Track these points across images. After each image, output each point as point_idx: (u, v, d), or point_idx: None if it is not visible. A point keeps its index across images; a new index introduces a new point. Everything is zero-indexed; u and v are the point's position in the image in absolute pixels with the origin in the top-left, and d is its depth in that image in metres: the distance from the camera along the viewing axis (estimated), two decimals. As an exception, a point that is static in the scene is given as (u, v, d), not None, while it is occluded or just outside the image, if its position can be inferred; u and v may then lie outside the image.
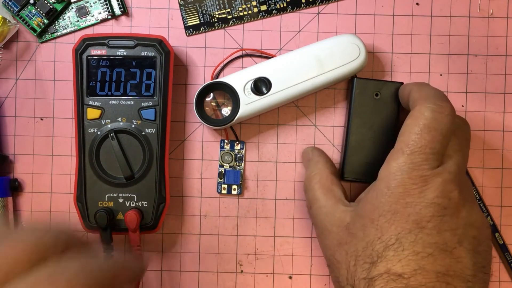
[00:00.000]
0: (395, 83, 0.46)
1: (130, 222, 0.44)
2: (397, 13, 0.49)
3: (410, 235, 0.37)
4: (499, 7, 0.49)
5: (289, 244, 0.49)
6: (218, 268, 0.49)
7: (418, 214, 0.37)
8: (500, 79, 0.49)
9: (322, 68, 0.45)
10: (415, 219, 0.37)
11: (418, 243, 0.37)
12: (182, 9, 0.48)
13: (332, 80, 0.46)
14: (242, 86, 0.46)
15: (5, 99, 0.48)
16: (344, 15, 0.48)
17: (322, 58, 0.45)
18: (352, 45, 0.46)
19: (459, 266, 0.37)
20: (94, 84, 0.45)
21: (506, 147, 0.49)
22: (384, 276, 0.37)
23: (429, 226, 0.37)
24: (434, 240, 0.37)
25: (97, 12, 0.48)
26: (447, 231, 0.38)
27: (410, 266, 0.37)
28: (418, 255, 0.37)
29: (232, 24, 0.48)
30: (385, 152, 0.43)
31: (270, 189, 0.48)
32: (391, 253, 0.37)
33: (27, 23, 0.47)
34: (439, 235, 0.37)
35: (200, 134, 0.48)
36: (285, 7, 0.48)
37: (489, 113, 0.48)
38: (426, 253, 0.37)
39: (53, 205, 0.48)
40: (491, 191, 0.48)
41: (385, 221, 0.38)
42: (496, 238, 0.48)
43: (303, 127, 0.49)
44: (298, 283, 0.49)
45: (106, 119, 0.45)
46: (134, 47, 0.45)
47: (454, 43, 0.49)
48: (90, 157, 0.45)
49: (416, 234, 0.37)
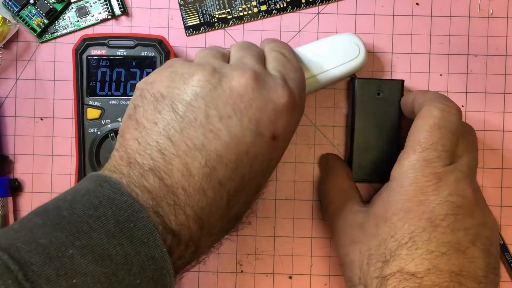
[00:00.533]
0: (396, 80, 0.46)
1: (130, 222, 0.44)
2: (397, 13, 0.49)
3: (424, 234, 0.37)
4: (499, 7, 0.49)
5: (289, 244, 0.49)
6: (218, 268, 0.49)
7: (432, 212, 0.37)
8: (500, 79, 0.49)
9: (322, 67, 0.45)
10: (429, 217, 0.37)
11: (432, 242, 0.37)
12: (182, 9, 0.48)
13: (332, 79, 0.45)
14: None
15: (5, 99, 0.48)
16: (344, 15, 0.48)
17: (322, 57, 0.45)
18: (352, 44, 0.46)
19: (472, 266, 0.37)
20: (94, 84, 0.45)
21: (506, 147, 0.49)
22: (397, 275, 0.37)
23: (443, 224, 0.37)
24: (448, 239, 0.37)
25: (97, 12, 0.48)
26: (460, 230, 0.37)
27: (423, 265, 0.37)
28: (432, 254, 0.37)
29: (232, 24, 0.48)
30: (392, 150, 0.43)
31: (270, 189, 0.48)
32: (404, 251, 0.37)
33: (27, 23, 0.47)
34: (452, 234, 0.37)
35: (200, 134, 0.48)
36: (285, 7, 0.48)
37: (489, 113, 0.48)
38: (440, 252, 0.37)
39: (53, 205, 0.48)
40: (491, 191, 0.48)
41: (398, 219, 0.38)
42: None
43: (303, 127, 0.49)
44: (298, 283, 0.49)
45: (106, 119, 0.45)
46: (134, 47, 0.45)
47: (454, 43, 0.49)
48: (90, 157, 0.45)
49: (430, 233, 0.37)
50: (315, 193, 0.48)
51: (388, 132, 0.46)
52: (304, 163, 0.49)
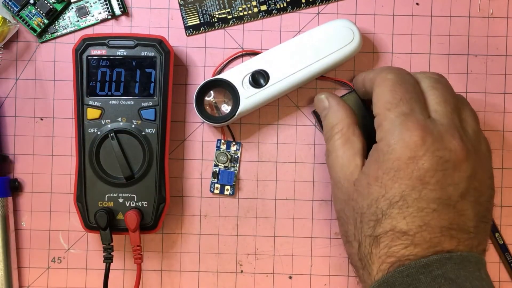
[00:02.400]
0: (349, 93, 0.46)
1: (130, 222, 0.44)
2: (397, 13, 0.49)
3: (414, 192, 0.38)
4: (499, 7, 0.49)
5: (289, 244, 0.49)
6: (218, 268, 0.49)
7: (421, 170, 0.38)
8: (500, 79, 0.49)
9: (318, 54, 0.46)
10: (418, 175, 0.38)
11: (423, 200, 0.37)
12: (182, 9, 0.48)
13: (329, 65, 0.46)
14: (240, 81, 0.46)
15: (5, 99, 0.48)
16: (344, 15, 0.48)
17: (317, 45, 0.46)
18: (346, 29, 0.46)
19: (462, 219, 0.38)
20: (94, 84, 0.45)
21: (506, 147, 0.49)
22: (389, 234, 0.38)
23: (432, 181, 0.38)
24: (438, 196, 0.38)
25: (97, 12, 0.48)
26: (450, 185, 0.38)
27: (415, 223, 0.37)
28: (423, 211, 0.37)
29: (232, 24, 0.48)
30: None
31: (270, 189, 0.48)
32: (395, 210, 0.38)
33: (27, 23, 0.47)
34: (442, 190, 0.38)
35: (200, 134, 0.48)
36: (285, 7, 0.48)
37: (489, 113, 0.48)
38: (431, 209, 0.37)
39: (53, 205, 0.48)
40: (491, 191, 0.48)
41: (388, 178, 0.38)
42: (496, 238, 0.48)
43: (303, 127, 0.49)
44: (298, 283, 0.49)
45: (106, 119, 0.45)
46: (134, 47, 0.45)
47: (454, 43, 0.49)
48: (90, 157, 0.45)
49: (420, 191, 0.38)
50: (315, 193, 0.48)
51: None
52: (304, 163, 0.49)
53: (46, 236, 0.48)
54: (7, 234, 0.47)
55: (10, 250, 0.47)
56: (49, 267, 0.49)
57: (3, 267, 0.47)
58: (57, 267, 0.49)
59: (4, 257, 0.47)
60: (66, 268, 0.49)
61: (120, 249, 0.48)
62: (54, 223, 0.48)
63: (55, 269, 0.49)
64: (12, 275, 0.47)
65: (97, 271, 0.48)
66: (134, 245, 0.44)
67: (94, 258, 0.48)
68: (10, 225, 0.47)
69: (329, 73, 0.48)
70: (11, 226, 0.47)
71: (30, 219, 0.48)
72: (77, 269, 0.49)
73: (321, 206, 0.48)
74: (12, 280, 0.47)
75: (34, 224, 0.48)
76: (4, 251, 0.47)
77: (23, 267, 0.49)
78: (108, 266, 0.45)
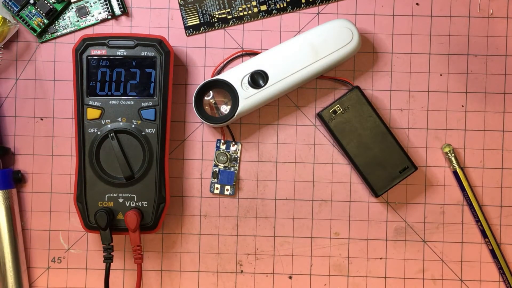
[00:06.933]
0: (352, 91, 0.46)
1: (130, 222, 0.44)
2: (397, 13, 0.49)
3: None
4: (499, 7, 0.49)
5: (289, 244, 0.49)
6: (218, 268, 0.49)
7: None
8: (500, 79, 0.49)
9: (317, 55, 0.46)
10: None
11: None
12: (182, 9, 0.48)
13: (328, 65, 0.46)
14: (240, 81, 0.46)
15: (5, 99, 0.48)
16: (344, 15, 0.48)
17: (316, 45, 0.46)
18: (345, 29, 0.46)
19: None
20: (94, 84, 0.45)
21: (506, 147, 0.49)
22: None
23: None
24: None
25: (97, 12, 0.48)
26: None
27: None
28: None
29: (232, 24, 0.48)
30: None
31: (270, 189, 0.48)
32: None
33: (27, 23, 0.47)
34: None
35: (200, 134, 0.49)
36: (285, 7, 0.48)
37: (489, 113, 0.48)
38: None
39: (53, 205, 0.48)
40: (491, 191, 0.48)
41: None
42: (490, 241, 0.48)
43: (303, 127, 0.49)
44: (298, 283, 0.49)
45: (106, 119, 0.45)
46: (134, 47, 0.45)
47: (454, 43, 0.49)
48: (90, 157, 0.45)
49: None
50: (315, 193, 0.48)
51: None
52: (304, 163, 0.49)
53: (46, 236, 0.49)
54: (13, 226, 0.46)
55: (19, 251, 0.47)
56: (49, 267, 0.49)
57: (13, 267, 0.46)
58: (57, 267, 0.49)
59: (13, 256, 0.46)
60: (66, 268, 0.49)
61: (120, 249, 0.48)
62: (54, 223, 0.48)
63: (55, 269, 0.49)
64: (22, 276, 0.47)
65: (97, 271, 0.48)
66: (134, 245, 0.44)
67: (94, 258, 0.48)
68: (16, 218, 0.47)
69: (329, 73, 0.48)
70: (18, 225, 0.47)
71: (30, 219, 0.48)
72: (77, 269, 0.49)
73: (321, 206, 0.48)
74: (22, 282, 0.47)
75: (34, 224, 0.48)
76: (12, 250, 0.46)
77: (23, 267, 0.49)
78: (108, 266, 0.45)
